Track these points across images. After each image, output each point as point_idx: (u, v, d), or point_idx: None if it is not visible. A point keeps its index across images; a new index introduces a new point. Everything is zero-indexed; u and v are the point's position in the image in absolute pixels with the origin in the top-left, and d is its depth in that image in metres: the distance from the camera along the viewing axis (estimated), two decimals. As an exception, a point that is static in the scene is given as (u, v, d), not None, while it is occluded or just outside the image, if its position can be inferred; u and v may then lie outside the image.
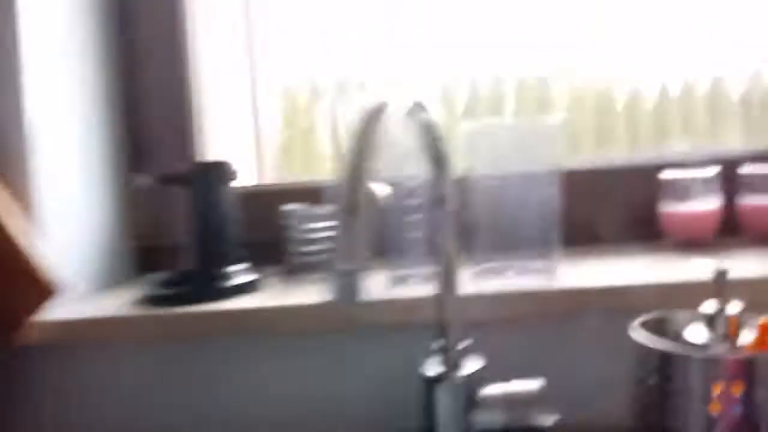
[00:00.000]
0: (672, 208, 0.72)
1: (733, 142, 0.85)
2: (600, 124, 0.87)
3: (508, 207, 0.63)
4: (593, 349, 0.61)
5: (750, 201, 0.72)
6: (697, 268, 0.56)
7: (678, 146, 0.83)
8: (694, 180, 0.70)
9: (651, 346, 0.47)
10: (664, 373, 0.47)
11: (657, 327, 0.53)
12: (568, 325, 0.61)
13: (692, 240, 0.72)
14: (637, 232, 0.76)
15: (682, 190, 0.71)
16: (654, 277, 0.60)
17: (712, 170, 0.71)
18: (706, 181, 0.70)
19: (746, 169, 0.72)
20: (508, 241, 0.63)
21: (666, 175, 0.72)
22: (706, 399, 0.44)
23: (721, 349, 0.48)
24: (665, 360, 0.47)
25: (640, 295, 0.57)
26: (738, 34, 0.84)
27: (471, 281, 0.62)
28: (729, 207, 0.72)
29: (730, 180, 0.72)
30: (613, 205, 0.77)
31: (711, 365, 0.45)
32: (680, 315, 0.54)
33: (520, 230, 0.63)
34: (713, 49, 0.85)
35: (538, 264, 0.63)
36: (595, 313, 0.60)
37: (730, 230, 0.72)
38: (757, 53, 0.84)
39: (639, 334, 0.49)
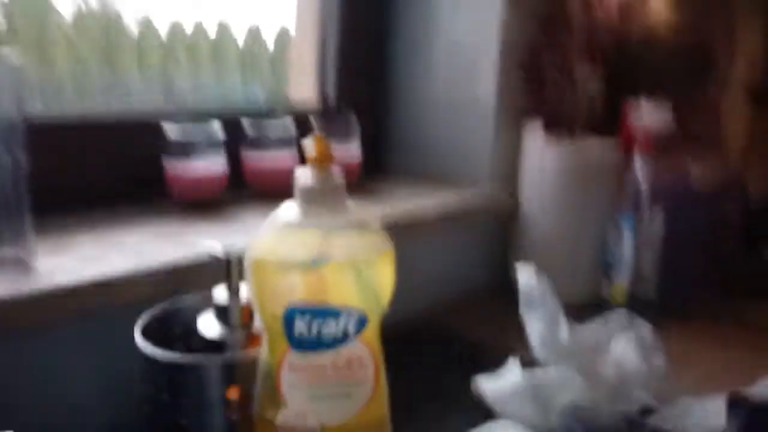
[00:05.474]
0: (178, 167, 0.64)
1: (233, 91, 0.84)
2: (108, 50, 0.72)
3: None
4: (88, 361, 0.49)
5: (253, 156, 0.70)
6: (206, 244, 0.49)
7: (181, 97, 0.76)
8: (200, 136, 0.64)
9: (159, 359, 0.39)
10: (174, 385, 0.39)
11: (166, 320, 0.45)
12: (48, 336, 0.47)
13: (200, 200, 0.66)
14: (138, 192, 0.65)
15: (188, 148, 0.63)
16: (157, 257, 0.50)
17: (218, 126, 0.66)
18: (211, 138, 0.65)
19: (249, 125, 0.70)
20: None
21: (170, 131, 0.63)
22: (223, 405, 0.39)
23: (234, 343, 0.43)
24: (174, 371, 0.39)
25: (143, 285, 0.48)
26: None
27: None
28: (234, 161, 0.69)
29: (234, 135, 0.69)
30: (106, 163, 0.64)
31: (225, 371, 0.40)
32: (190, 301, 0.47)
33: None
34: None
35: (7, 252, 0.46)
36: (85, 317, 0.47)
37: (237, 185, 0.70)
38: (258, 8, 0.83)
39: (144, 344, 0.40)
